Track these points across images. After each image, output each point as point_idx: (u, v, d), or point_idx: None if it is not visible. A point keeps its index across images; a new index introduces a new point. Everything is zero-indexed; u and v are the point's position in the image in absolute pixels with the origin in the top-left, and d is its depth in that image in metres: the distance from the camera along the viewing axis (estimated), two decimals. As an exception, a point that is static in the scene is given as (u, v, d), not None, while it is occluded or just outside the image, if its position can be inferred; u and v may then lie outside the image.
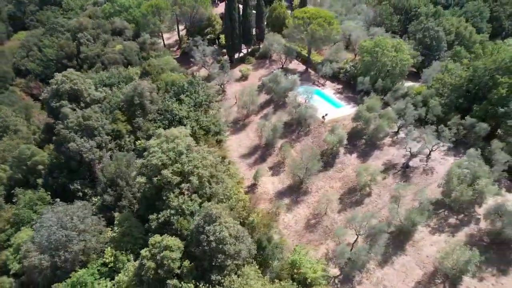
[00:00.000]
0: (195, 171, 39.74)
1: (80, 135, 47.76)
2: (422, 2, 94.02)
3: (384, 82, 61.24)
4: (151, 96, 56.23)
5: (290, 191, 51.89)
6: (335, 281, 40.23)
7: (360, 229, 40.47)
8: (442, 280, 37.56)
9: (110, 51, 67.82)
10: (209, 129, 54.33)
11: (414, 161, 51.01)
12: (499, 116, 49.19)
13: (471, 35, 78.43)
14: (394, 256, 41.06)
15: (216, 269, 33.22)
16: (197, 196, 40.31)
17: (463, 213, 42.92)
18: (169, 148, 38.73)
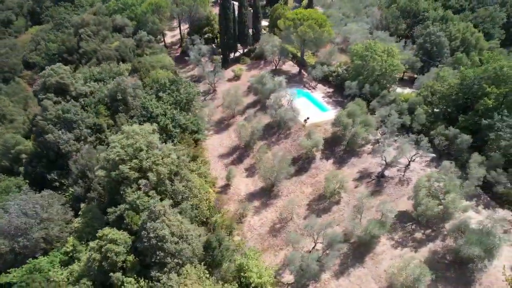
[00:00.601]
0: (153, 168, 40.21)
1: (59, 127, 49.60)
2: (432, 6, 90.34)
3: (372, 87, 59.28)
4: (134, 92, 57.40)
5: (262, 194, 51.36)
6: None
7: (318, 237, 39.47)
8: (394, 296, 35.98)
9: (105, 47, 69.89)
10: (187, 127, 54.72)
11: (391, 171, 49.11)
12: (483, 128, 46.42)
13: (478, 41, 74.43)
14: (351, 267, 39.70)
15: (156, 266, 33.50)
16: (156, 193, 40.70)
17: (431, 228, 40.85)
18: (127, 144, 39.42)
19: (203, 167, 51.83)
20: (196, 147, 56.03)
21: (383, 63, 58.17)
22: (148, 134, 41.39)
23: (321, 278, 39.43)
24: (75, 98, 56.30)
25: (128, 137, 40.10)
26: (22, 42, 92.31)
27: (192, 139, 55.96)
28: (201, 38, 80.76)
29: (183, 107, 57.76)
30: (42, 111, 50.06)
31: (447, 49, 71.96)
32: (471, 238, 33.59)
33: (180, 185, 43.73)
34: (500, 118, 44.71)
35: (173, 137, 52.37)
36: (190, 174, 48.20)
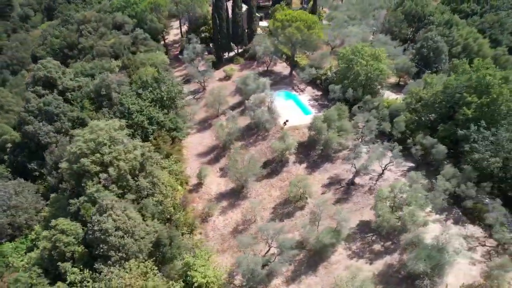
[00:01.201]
0: (115, 163, 41.07)
1: (40, 119, 51.69)
2: (439, 10, 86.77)
3: (355, 92, 57.71)
4: (119, 88, 58.84)
5: (231, 194, 51.21)
6: (241, 291, 39.26)
7: (272, 241, 38.96)
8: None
9: (101, 44, 72.07)
10: (164, 125, 55.45)
11: (363, 178, 47.75)
12: (458, 139, 44.16)
13: (481, 48, 70.76)
14: (304, 275, 38.90)
15: (101, 258, 34.21)
16: (117, 187, 41.56)
17: (391, 241, 39.32)
18: (90, 138, 40.49)
19: (175, 165, 52.30)
20: (173, 145, 56.67)
21: (368, 67, 56.44)
22: (112, 130, 42.28)
23: (271, 283, 38.95)
24: (62, 92, 58.39)
25: (92, 131, 41.16)
26: (33, 37, 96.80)
27: (170, 136, 56.65)
28: (198, 37, 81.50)
29: (165, 105, 58.54)
30: (25, 103, 52.33)
31: (445, 55, 68.82)
32: (420, 253, 32.07)
33: (145, 181, 44.45)
34: (477, 130, 42.31)
35: (149, 134, 53.13)
36: (160, 171, 48.98)
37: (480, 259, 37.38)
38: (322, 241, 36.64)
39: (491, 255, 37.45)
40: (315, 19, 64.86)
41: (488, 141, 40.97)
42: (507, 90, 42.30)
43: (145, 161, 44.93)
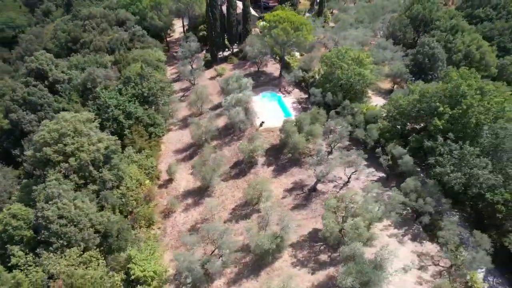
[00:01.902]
0: (76, 153, 42.55)
1: (24, 108, 54.53)
2: (448, 14, 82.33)
3: (335, 96, 56.14)
4: (105, 82, 60.83)
5: (197, 192, 51.45)
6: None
7: (214, 242, 38.81)
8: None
9: (99, 39, 74.77)
10: (142, 120, 56.64)
11: (327, 186, 46.51)
12: (425, 151, 41.86)
13: (483, 56, 66.48)
14: (245, 278, 38.42)
15: (43, 244, 35.61)
16: (77, 177, 43.05)
17: (339, 252, 37.94)
18: (53, 128, 42.19)
19: (146, 160, 53.28)
20: (150, 140, 57.75)
21: (349, 72, 54.70)
22: (77, 122, 43.80)
23: (214, 284, 38.83)
24: (52, 83, 61.17)
25: (57, 122, 42.89)
26: (48, 30, 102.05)
27: (147, 132, 57.79)
28: (196, 35, 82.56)
29: (147, 101, 59.80)
30: (12, 92, 55.38)
31: (442, 62, 65.32)
32: (350, 268, 30.72)
33: (108, 174, 45.72)
34: (444, 142, 39.88)
35: (124, 128, 54.48)
36: (128, 164, 50.20)
37: (429, 279, 35.40)
38: (261, 246, 35.96)
39: (442, 275, 35.33)
40: (303, 20, 63.67)
41: (454, 155, 38.50)
42: (477, 102, 39.53)
43: (111, 154, 46.15)
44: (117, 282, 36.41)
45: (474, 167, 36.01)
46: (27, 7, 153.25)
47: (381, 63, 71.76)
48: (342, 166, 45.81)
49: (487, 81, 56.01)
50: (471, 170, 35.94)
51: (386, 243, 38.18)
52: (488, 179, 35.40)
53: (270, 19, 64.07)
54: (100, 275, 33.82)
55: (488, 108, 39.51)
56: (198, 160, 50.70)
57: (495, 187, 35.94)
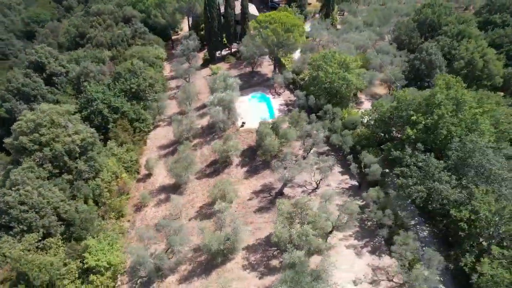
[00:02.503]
0: (51, 143, 44.37)
1: (18, 98, 57.47)
2: (457, 20, 78.28)
3: (317, 100, 55.00)
4: (99, 77, 62.98)
5: (171, 189, 52.08)
6: (138, 281, 40.07)
7: (170, 239, 39.19)
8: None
9: (100, 35, 77.41)
10: (127, 114, 58.05)
11: (296, 190, 45.78)
12: (392, 161, 40.13)
13: (487, 64, 62.70)
14: (197, 276, 38.53)
15: (4, 228, 37.43)
16: (52, 166, 44.87)
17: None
18: (30, 118, 44.22)
19: (126, 153, 54.54)
20: (135, 135, 59.08)
21: (332, 75, 53.35)
22: (54, 113, 45.64)
23: (167, 280, 39.21)
24: (49, 76, 64.10)
25: (34, 113, 44.93)
26: (64, 25, 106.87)
27: (132, 126, 59.17)
28: (198, 34, 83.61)
29: (135, 96, 61.26)
30: (7, 83, 58.55)
31: (440, 69, 62.33)
32: (285, 276, 30.00)
33: (83, 165, 47.31)
34: (412, 153, 38.05)
35: (109, 121, 56.08)
36: (106, 157, 51.70)
37: (379, 294, 34.00)
38: (209, 247, 35.92)
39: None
40: (295, 22, 62.74)
41: (420, 167, 36.67)
42: (450, 113, 37.36)
43: (87, 145, 47.69)
44: (72, 269, 37.58)
45: (437, 181, 34.11)
46: (56, 2, 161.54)
47: (378, 68, 69.55)
48: (311, 172, 44.92)
49: (482, 91, 53.06)
50: (433, 183, 34.06)
51: (342, 254, 37.39)
52: (450, 194, 33.43)
53: (262, 19, 63.72)
54: (51, 261, 35.03)
55: (461, 119, 37.27)
56: (173, 159, 51.33)
57: (459, 204, 33.88)
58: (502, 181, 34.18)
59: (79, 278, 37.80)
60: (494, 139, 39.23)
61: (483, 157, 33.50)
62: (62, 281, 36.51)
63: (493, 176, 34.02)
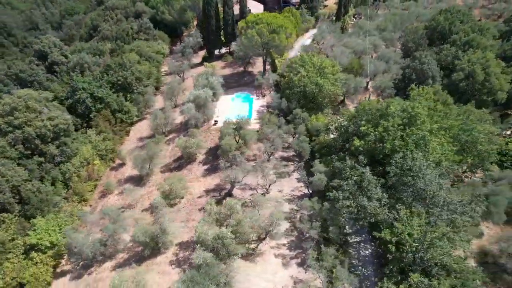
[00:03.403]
0: (23, 126, 47.84)
1: (16, 83, 62.46)
2: (471, 28, 72.32)
3: (290, 103, 53.74)
4: (94, 68, 66.61)
5: (136, 179, 53.77)
6: (80, 263, 42.00)
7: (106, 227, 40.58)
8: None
9: (106, 28, 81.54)
10: (110, 105, 60.71)
11: (246, 192, 45.30)
12: (334, 171, 38.24)
13: (488, 77, 57.28)
14: (129, 266, 39.42)
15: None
16: (23, 148, 48.37)
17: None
18: (6, 102, 47.95)
19: (102, 142, 57.06)
20: (116, 125, 61.66)
21: (305, 80, 51.82)
22: (30, 99, 49.08)
23: (104, 265, 40.69)
24: (51, 64, 68.89)
25: (11, 98, 48.67)
26: (88, 18, 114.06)
27: (114, 117, 61.79)
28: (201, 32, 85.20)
29: (122, 88, 63.92)
30: (7, 68, 63.82)
31: (432, 79, 58.12)
32: (186, 275, 29.96)
33: (54, 149, 50.45)
34: (353, 165, 36.01)
35: (92, 110, 59.08)
36: (81, 144, 54.61)
37: (293, 309, 32.74)
38: (136, 238, 36.75)
39: (307, 308, 32.39)
40: (281, 23, 61.63)
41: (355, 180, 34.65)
42: (395, 126, 34.79)
43: (59, 131, 50.75)
44: (18, 245, 40.29)
45: (367, 197, 32.08)
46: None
47: (373, 75, 66.39)
48: (262, 175, 44.17)
49: (467, 107, 48.61)
50: (362, 199, 32.09)
51: (269, 262, 36.50)
52: (377, 213, 31.32)
53: (250, 19, 63.43)
54: (9, 237, 37.98)
55: (407, 134, 34.62)
56: (138, 152, 53.01)
57: (390, 224, 31.62)
58: (446, 204, 31.30)
59: (24, 254, 40.44)
60: (450, 159, 35.99)
61: (417, 177, 30.90)
62: (6, 254, 39.27)
63: (431, 198, 31.30)
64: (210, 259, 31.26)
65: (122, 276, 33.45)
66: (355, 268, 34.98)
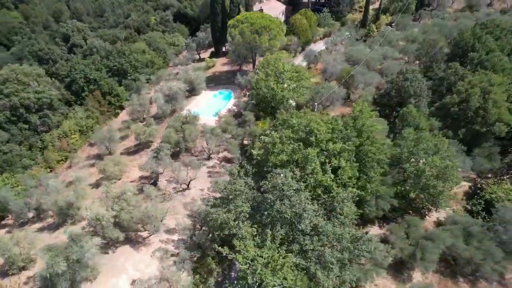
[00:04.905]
0: (11, 96, 55.60)
1: (35, 59, 72.24)
2: (498, 46, 61.71)
3: (252, 105, 52.83)
4: (100, 52, 73.73)
5: (98, 157, 58.23)
6: (20, 221, 47.50)
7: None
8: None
9: (131, 18, 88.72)
10: (101, 88, 66.46)
11: (170, 185, 46.52)
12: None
13: (485, 105, 48.61)
14: (51, 229, 43.53)
15: None
16: (10, 115, 56.27)
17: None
18: (1, 73, 56.15)
19: (85, 120, 62.94)
20: (104, 106, 67.30)
21: (260, 83, 50.32)
22: (21, 73, 56.66)
23: (34, 225, 45.44)
24: (71, 46, 77.97)
25: (6, 70, 56.85)
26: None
27: (104, 98, 67.51)
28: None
29: (118, 73, 69.53)
30: (31, 46, 73.83)
31: (416, 99, 51.40)
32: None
33: (36, 119, 57.63)
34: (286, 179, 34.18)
35: (84, 90, 65.56)
36: (67, 119, 61.23)
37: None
38: (46, 207, 40.46)
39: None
40: (265, 24, 60.15)
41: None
42: (280, 138, 32.21)
43: (43, 104, 57.71)
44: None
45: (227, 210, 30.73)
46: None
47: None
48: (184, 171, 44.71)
49: (421, 133, 42.03)
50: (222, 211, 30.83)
51: (149, 254, 37.19)
52: (230, 227, 29.84)
53: (238, 18, 63.34)
54: None
55: (295, 150, 31.83)
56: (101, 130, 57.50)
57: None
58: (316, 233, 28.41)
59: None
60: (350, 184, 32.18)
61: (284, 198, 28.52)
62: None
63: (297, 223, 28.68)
64: (76, 235, 33.16)
65: (18, 236, 37.22)
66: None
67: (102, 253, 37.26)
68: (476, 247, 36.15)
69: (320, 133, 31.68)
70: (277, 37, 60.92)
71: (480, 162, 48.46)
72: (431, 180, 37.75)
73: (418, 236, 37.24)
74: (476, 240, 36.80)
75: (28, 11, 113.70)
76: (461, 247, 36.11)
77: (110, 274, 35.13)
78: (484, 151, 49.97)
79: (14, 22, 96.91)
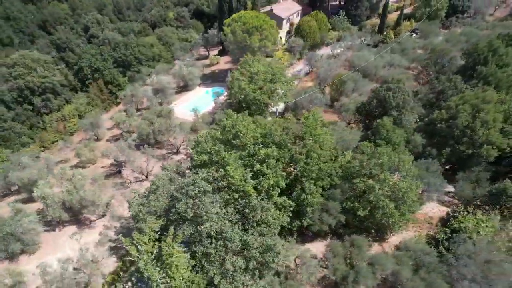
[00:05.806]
0: (17, 78, 61.10)
1: (54, 47, 78.33)
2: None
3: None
4: (113, 44, 78.12)
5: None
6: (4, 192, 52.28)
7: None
8: None
9: (150, 13, 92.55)
10: (105, 77, 70.36)
11: (132, 174, 48.17)
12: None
13: (472, 125, 43.78)
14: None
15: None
16: (16, 95, 61.89)
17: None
18: (12, 58, 61.75)
19: (84, 106, 67.14)
20: (105, 94, 71.16)
21: (235, 82, 49.93)
22: (29, 59, 61.94)
23: (11, 198, 49.80)
24: (90, 37, 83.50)
25: (16, 55, 62.49)
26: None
27: (106, 88, 71.36)
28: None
29: (122, 64, 73.15)
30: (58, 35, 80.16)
31: (398, 111, 47.69)
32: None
33: (38, 101, 62.79)
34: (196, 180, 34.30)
35: (88, 78, 69.94)
36: (67, 103, 65.91)
37: None
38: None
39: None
40: (257, 23, 59.47)
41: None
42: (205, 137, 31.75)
43: (46, 89, 62.64)
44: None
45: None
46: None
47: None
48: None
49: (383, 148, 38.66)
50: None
51: (90, 236, 38.88)
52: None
53: (233, 17, 63.35)
54: None
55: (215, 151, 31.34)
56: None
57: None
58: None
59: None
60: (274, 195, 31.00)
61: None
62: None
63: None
64: (18, 209, 35.83)
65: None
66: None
67: (50, 231, 40.37)
68: (422, 278, 32.99)
69: (245, 136, 30.85)
70: (269, 37, 59.95)
71: (462, 188, 43.84)
72: (382, 199, 34.98)
73: (360, 257, 34.77)
74: (425, 271, 33.57)
75: (76, 4, 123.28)
76: (404, 276, 33.12)
77: (48, 251, 37.46)
78: (471, 175, 45.00)
79: (61, 13, 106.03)
